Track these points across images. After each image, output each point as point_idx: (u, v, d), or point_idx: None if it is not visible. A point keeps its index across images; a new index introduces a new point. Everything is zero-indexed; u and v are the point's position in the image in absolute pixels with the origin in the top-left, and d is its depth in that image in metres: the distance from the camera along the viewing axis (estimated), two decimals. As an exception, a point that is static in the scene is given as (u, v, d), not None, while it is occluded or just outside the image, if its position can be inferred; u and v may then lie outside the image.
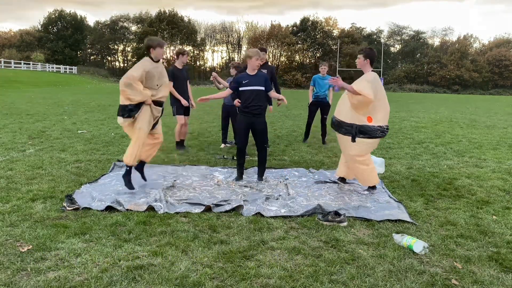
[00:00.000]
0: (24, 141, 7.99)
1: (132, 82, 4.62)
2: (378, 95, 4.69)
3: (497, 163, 7.01)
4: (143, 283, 2.76)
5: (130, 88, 4.61)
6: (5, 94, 22.81)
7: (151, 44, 4.83)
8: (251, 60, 5.22)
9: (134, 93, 4.63)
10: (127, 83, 4.62)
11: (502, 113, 19.20)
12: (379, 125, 4.76)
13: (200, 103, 9.80)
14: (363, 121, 4.76)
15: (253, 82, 5.21)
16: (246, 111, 5.27)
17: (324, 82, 8.72)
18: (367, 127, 4.75)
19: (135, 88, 4.63)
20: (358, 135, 4.80)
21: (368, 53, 4.88)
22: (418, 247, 3.32)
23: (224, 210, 4.21)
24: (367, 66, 4.88)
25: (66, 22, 68.25)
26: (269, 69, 8.30)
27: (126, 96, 4.64)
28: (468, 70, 64.03)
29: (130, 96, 4.63)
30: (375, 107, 4.71)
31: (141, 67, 4.74)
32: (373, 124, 4.74)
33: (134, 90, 4.63)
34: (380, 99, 4.72)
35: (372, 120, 4.73)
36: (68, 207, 4.16)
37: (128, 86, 4.62)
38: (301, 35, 69.69)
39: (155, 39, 4.91)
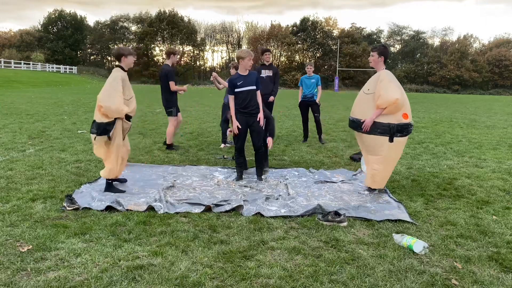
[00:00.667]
0: (24, 141, 7.99)
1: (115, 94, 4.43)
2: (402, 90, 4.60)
3: (497, 163, 7.01)
4: (143, 283, 2.76)
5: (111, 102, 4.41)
6: (5, 94, 22.81)
7: (122, 53, 4.73)
8: (243, 61, 5.25)
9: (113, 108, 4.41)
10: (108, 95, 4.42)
11: (502, 113, 19.20)
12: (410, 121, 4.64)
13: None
14: (400, 119, 4.57)
15: (247, 82, 5.27)
16: (244, 112, 5.31)
17: (310, 82, 8.81)
18: (403, 125, 4.57)
19: (116, 101, 4.42)
20: (396, 135, 4.57)
21: (382, 51, 4.79)
22: (418, 247, 3.32)
23: (224, 210, 4.21)
24: (380, 63, 4.79)
25: (66, 22, 68.23)
26: (273, 70, 8.37)
27: (103, 112, 4.46)
28: (468, 70, 64.01)
29: (108, 113, 4.45)
30: (404, 103, 4.58)
31: (118, 77, 4.57)
32: (407, 121, 4.59)
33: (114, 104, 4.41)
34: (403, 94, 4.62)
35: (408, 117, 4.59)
36: (68, 207, 4.16)
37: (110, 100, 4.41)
38: (301, 35, 69.67)
39: (126, 48, 4.83)
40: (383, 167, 4.78)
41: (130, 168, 5.99)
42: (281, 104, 21.48)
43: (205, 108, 17.18)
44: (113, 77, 4.60)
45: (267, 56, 8.42)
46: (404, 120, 4.57)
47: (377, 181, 4.87)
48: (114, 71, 4.72)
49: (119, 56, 4.75)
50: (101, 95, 4.48)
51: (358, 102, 4.91)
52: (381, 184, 4.91)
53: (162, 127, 10.56)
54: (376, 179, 4.87)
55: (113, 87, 4.50)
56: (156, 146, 7.91)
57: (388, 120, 4.59)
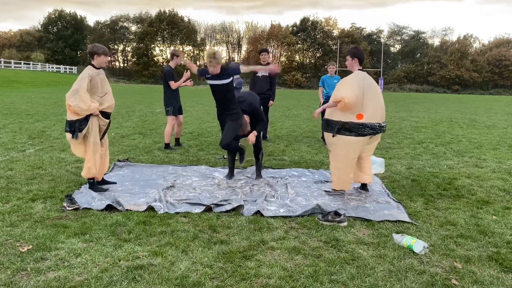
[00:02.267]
0: (24, 141, 7.99)
1: (80, 92, 4.45)
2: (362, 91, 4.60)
3: (497, 163, 7.01)
4: (143, 283, 2.76)
5: (77, 99, 4.44)
6: (5, 94, 22.81)
7: (96, 51, 4.70)
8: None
9: (81, 105, 4.44)
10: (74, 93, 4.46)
11: (502, 113, 19.20)
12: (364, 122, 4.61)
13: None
14: (352, 118, 4.60)
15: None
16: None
17: (333, 82, 8.65)
18: (354, 124, 4.59)
19: (82, 98, 4.45)
20: (343, 132, 4.64)
21: (354, 53, 4.81)
22: (418, 247, 3.32)
23: (224, 210, 4.22)
24: (355, 65, 4.81)
25: (66, 22, 68.23)
26: None
27: (72, 110, 4.49)
28: (468, 70, 63.97)
29: (76, 110, 4.46)
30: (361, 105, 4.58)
31: (85, 76, 4.59)
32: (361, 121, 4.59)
33: (82, 101, 4.45)
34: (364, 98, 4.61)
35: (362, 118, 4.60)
36: (68, 207, 4.16)
37: (75, 97, 4.44)
38: (301, 35, 69.64)
39: (100, 46, 4.78)
40: (334, 164, 4.85)
41: (130, 168, 5.99)
42: (281, 104, 21.49)
43: (205, 108, 17.18)
44: (81, 75, 4.64)
45: (264, 56, 8.46)
46: (355, 120, 4.58)
47: (334, 180, 4.90)
48: (85, 69, 4.73)
49: (92, 54, 4.73)
50: (68, 94, 4.52)
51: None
52: (337, 184, 4.86)
53: (162, 127, 10.56)
54: (333, 178, 4.91)
55: (79, 85, 4.52)
56: (156, 146, 7.91)
57: (339, 118, 4.65)
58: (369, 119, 4.60)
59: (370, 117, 4.60)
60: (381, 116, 4.69)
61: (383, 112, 4.73)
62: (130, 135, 9.27)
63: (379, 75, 57.05)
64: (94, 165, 4.74)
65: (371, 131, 4.63)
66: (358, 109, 4.59)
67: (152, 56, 68.89)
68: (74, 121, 4.54)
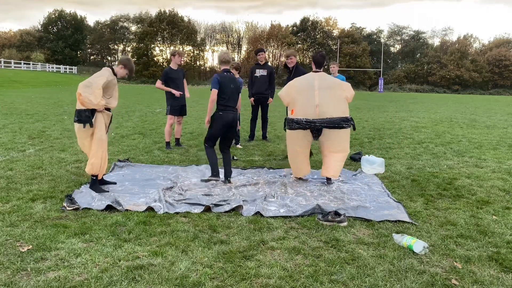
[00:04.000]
0: (24, 141, 7.99)
1: (94, 86, 4.58)
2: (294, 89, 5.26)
3: (497, 163, 7.01)
4: (143, 283, 2.76)
5: (89, 92, 4.55)
6: (5, 94, 22.81)
7: (126, 64, 4.96)
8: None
9: (91, 98, 4.55)
10: (87, 85, 4.58)
11: (502, 113, 19.20)
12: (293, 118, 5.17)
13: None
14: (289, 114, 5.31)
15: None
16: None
17: None
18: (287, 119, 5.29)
19: (95, 93, 4.57)
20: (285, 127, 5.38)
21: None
22: (418, 247, 3.32)
23: (223, 211, 4.21)
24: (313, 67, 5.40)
25: (66, 22, 68.20)
26: (268, 69, 8.42)
27: (81, 100, 4.59)
28: (468, 70, 63.99)
29: (86, 101, 4.57)
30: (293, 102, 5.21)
31: (104, 75, 4.76)
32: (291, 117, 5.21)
33: (93, 95, 4.57)
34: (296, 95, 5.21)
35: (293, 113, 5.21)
36: (68, 207, 4.16)
37: (88, 90, 4.56)
38: (301, 35, 69.68)
39: (132, 64, 5.03)
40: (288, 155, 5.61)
41: (130, 168, 5.99)
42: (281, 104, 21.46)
43: (205, 108, 17.18)
44: (100, 73, 4.82)
45: (261, 56, 8.47)
46: (290, 116, 5.25)
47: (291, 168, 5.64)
48: (104, 69, 4.92)
49: (121, 63, 4.98)
50: (82, 84, 4.63)
51: None
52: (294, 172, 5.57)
53: (162, 127, 10.56)
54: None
55: (95, 81, 4.65)
56: (156, 146, 7.91)
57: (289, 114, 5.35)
58: (297, 115, 5.15)
59: (299, 113, 5.14)
60: (312, 113, 5.08)
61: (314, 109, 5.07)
62: (130, 135, 9.27)
63: (379, 75, 57.07)
64: (98, 161, 4.77)
65: (297, 126, 5.15)
66: (291, 105, 5.26)
67: (152, 56, 68.92)
68: (83, 110, 4.64)
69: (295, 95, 5.21)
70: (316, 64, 5.33)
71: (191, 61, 70.29)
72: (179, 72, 7.61)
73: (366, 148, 8.20)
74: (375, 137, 9.80)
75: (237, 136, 8.21)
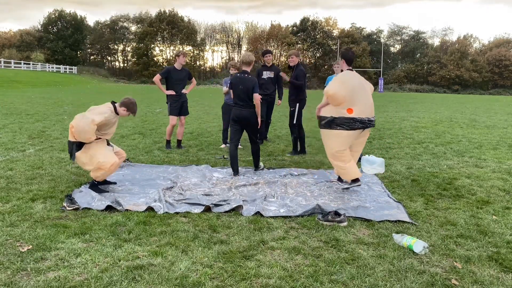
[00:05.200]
0: (24, 141, 7.99)
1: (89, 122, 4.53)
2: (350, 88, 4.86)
3: (497, 163, 7.01)
4: (143, 283, 2.76)
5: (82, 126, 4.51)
6: (5, 94, 22.81)
7: (129, 107, 4.87)
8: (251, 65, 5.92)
9: (81, 134, 4.54)
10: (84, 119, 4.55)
11: (502, 113, 19.20)
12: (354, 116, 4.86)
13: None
14: (343, 113, 4.86)
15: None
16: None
17: None
18: (344, 119, 4.84)
19: (90, 129, 4.53)
20: (332, 126, 4.88)
21: (343, 53, 5.26)
22: (418, 247, 3.32)
23: (223, 211, 4.21)
24: (344, 65, 5.19)
25: (66, 22, 68.20)
26: (275, 71, 8.45)
27: (72, 132, 4.59)
28: (468, 70, 63.97)
29: (75, 134, 4.57)
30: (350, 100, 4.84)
31: (104, 113, 4.70)
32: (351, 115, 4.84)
33: (84, 132, 4.53)
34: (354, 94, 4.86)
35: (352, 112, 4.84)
36: (68, 207, 4.16)
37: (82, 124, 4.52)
38: (301, 35, 69.67)
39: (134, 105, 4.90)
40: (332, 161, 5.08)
41: (130, 168, 5.99)
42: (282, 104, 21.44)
43: (205, 108, 17.18)
44: (101, 110, 4.74)
45: (268, 57, 8.46)
46: (346, 114, 4.85)
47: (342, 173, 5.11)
48: (106, 106, 4.83)
49: (123, 105, 4.87)
50: (78, 117, 4.61)
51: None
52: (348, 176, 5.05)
53: (162, 127, 10.56)
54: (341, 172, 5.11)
55: (92, 118, 4.58)
56: (156, 146, 7.91)
57: (330, 113, 4.91)
58: (359, 114, 4.86)
59: (360, 112, 4.85)
60: (370, 111, 4.92)
61: (372, 108, 4.97)
62: (130, 135, 9.27)
63: (379, 75, 57.06)
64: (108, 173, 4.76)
65: (361, 125, 4.87)
66: (348, 104, 4.85)
67: (152, 56, 68.93)
68: (71, 142, 4.64)
69: (352, 93, 4.84)
70: (348, 62, 5.15)
71: (191, 61, 70.28)
72: (182, 73, 7.55)
73: (366, 148, 8.19)
74: (375, 137, 9.80)
75: None
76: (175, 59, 7.58)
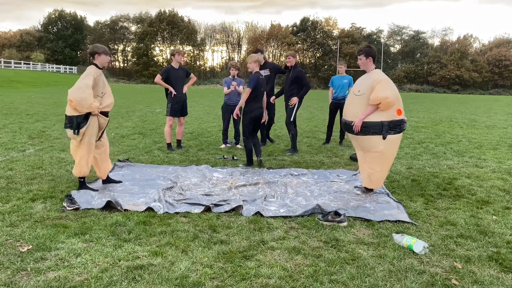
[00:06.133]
0: (24, 141, 7.99)
1: (83, 88, 4.49)
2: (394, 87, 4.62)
3: (497, 163, 7.01)
4: (143, 283, 2.76)
5: (79, 95, 4.46)
6: (5, 94, 22.81)
7: (96, 51, 4.77)
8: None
9: (83, 102, 4.47)
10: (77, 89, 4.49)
11: (502, 113, 19.19)
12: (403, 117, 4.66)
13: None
14: (392, 116, 4.57)
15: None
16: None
17: (343, 82, 8.48)
18: (396, 122, 4.56)
19: (86, 95, 4.48)
20: (389, 132, 4.56)
21: (368, 51, 4.85)
22: (418, 247, 3.32)
23: (223, 211, 4.21)
24: (370, 64, 4.84)
25: (66, 22, 68.25)
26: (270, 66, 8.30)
27: (73, 106, 4.51)
28: (468, 70, 63.98)
29: (77, 106, 4.49)
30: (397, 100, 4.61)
31: (90, 74, 4.65)
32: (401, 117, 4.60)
33: (85, 97, 4.47)
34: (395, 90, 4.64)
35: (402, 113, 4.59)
36: (68, 207, 4.16)
37: (78, 93, 4.47)
38: (301, 35, 69.66)
39: (100, 46, 4.84)
40: (379, 166, 4.76)
41: (130, 168, 5.99)
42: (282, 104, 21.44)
43: (205, 108, 17.18)
44: (85, 73, 4.69)
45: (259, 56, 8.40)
46: (397, 117, 4.57)
47: (373, 180, 4.85)
48: (88, 68, 4.79)
49: (93, 54, 4.79)
50: (71, 89, 4.55)
51: (349, 104, 4.88)
52: (378, 184, 4.89)
53: (162, 127, 10.56)
54: (372, 179, 4.85)
55: (83, 82, 4.55)
56: (156, 146, 7.91)
57: (380, 118, 4.57)
58: (404, 115, 4.65)
59: (404, 113, 4.66)
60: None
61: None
62: (130, 135, 9.27)
63: (379, 75, 56.98)
64: (86, 164, 4.73)
65: (405, 126, 4.67)
66: (397, 105, 4.58)
67: (152, 56, 68.91)
68: (74, 116, 4.55)
69: (397, 93, 4.62)
70: (374, 60, 4.85)
71: (191, 61, 70.27)
72: (180, 71, 7.53)
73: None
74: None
75: (237, 136, 8.22)
76: (171, 58, 7.57)
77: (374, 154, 4.74)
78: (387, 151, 4.69)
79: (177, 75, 7.45)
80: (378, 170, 4.77)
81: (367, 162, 4.84)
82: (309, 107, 19.85)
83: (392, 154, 4.77)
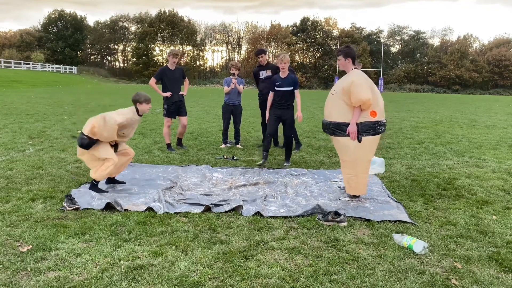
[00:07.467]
0: (24, 141, 7.99)
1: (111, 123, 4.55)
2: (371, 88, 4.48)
3: (497, 163, 7.01)
4: (143, 283, 2.76)
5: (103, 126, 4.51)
6: (5, 94, 22.81)
7: (138, 100, 4.85)
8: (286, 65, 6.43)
9: (104, 134, 4.54)
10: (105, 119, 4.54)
11: (502, 113, 19.20)
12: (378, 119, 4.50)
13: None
14: (366, 117, 4.44)
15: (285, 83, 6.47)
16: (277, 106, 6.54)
17: None
18: (370, 124, 4.45)
19: (108, 129, 4.54)
20: (362, 134, 4.45)
21: (347, 52, 4.66)
22: (418, 247, 3.32)
23: (223, 211, 4.22)
24: (349, 65, 4.67)
25: (66, 22, 68.26)
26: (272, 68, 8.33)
27: (93, 132, 4.52)
28: (468, 70, 63.99)
29: (96, 132, 4.52)
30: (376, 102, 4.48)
31: (126, 114, 4.75)
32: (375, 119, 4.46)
33: (106, 131, 4.54)
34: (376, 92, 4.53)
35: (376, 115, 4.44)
36: (68, 207, 4.16)
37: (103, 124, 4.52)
38: (301, 35, 69.70)
39: (142, 94, 4.87)
40: (353, 170, 4.59)
41: (130, 168, 5.99)
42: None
43: (205, 108, 17.18)
44: (123, 111, 4.82)
45: (261, 58, 8.42)
46: (371, 118, 4.43)
47: (352, 186, 4.66)
48: (130, 108, 4.90)
49: (135, 102, 4.88)
50: (100, 114, 4.61)
51: (327, 104, 4.79)
52: (358, 190, 4.67)
53: (161, 127, 10.56)
54: (351, 184, 4.67)
55: (114, 117, 4.62)
56: (156, 146, 7.91)
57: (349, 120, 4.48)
58: (381, 116, 4.50)
59: (381, 114, 4.51)
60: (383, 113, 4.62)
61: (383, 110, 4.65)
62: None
63: (379, 75, 57.02)
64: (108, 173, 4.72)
65: (383, 128, 4.55)
66: (372, 106, 4.45)
67: (152, 56, 68.94)
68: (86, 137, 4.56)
69: (373, 94, 4.44)
70: (353, 61, 4.68)
71: (191, 61, 70.31)
72: (176, 72, 7.49)
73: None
74: (375, 137, 9.79)
75: (237, 136, 8.22)
76: (167, 59, 7.54)
77: (344, 158, 4.64)
78: (359, 154, 4.53)
79: (172, 76, 7.41)
80: (353, 174, 4.60)
81: (342, 166, 4.73)
82: (309, 107, 19.86)
83: (365, 157, 4.57)
